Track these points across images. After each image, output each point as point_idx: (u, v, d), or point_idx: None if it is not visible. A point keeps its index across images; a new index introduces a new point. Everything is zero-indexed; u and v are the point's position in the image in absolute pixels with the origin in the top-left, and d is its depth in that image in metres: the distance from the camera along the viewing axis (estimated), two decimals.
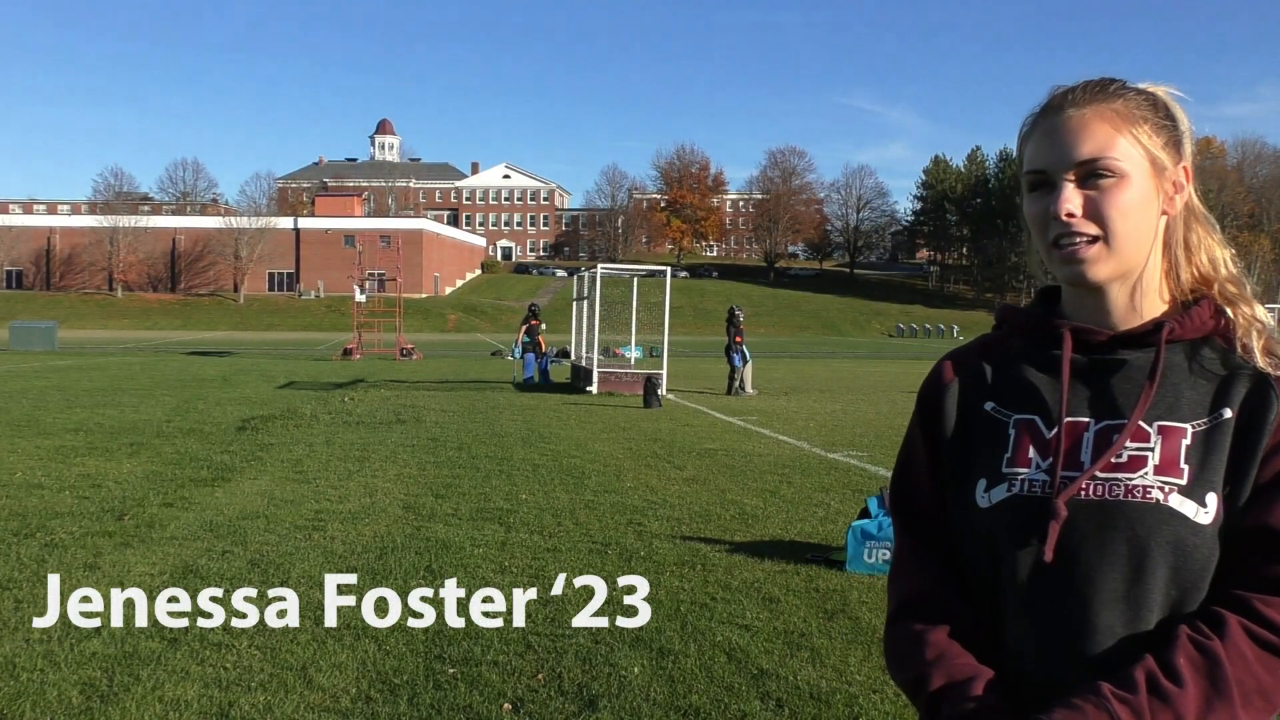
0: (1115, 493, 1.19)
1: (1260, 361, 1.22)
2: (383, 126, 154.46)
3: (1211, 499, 1.17)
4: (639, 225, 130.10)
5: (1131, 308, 1.26)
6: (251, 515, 7.32)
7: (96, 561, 5.93)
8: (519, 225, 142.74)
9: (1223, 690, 1.10)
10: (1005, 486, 1.24)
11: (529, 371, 22.80)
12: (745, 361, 20.37)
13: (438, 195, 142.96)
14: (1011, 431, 1.27)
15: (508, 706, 3.90)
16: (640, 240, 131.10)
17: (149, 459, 10.13)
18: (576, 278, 26.30)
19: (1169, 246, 1.28)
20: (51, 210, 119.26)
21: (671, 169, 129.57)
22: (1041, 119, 1.26)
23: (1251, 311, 1.26)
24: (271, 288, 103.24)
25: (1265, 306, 1.31)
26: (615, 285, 25.18)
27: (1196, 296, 1.28)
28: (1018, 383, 1.30)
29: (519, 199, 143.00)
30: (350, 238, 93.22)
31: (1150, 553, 1.16)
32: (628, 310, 23.78)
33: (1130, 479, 1.19)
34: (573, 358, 25.07)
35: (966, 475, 1.28)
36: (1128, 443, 1.20)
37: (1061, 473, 1.21)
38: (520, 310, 55.61)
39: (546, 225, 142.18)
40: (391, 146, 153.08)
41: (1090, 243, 1.21)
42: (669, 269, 22.56)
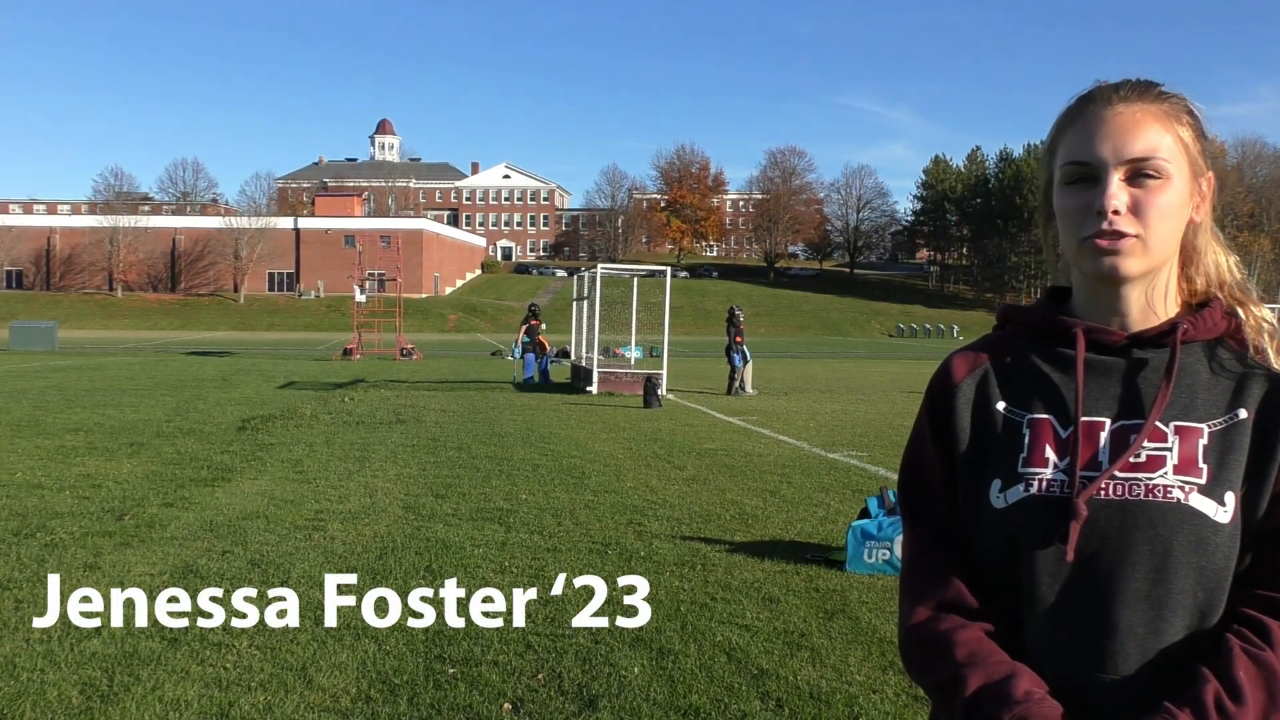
0: (1135, 492, 1.19)
1: (1275, 363, 1.23)
2: (383, 126, 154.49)
3: (1230, 498, 1.17)
4: (639, 225, 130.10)
5: (1146, 308, 1.26)
6: (251, 515, 7.32)
7: (96, 561, 5.93)
8: (519, 225, 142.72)
9: (1277, 700, 1.11)
10: (1022, 486, 1.23)
11: (529, 371, 22.80)
12: (745, 361, 20.37)
13: (438, 195, 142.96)
14: (1026, 432, 1.26)
15: (508, 706, 3.90)
16: (640, 240, 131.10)
17: (149, 459, 10.13)
18: (576, 278, 26.29)
19: (1185, 250, 1.28)
20: (51, 210, 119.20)
21: (671, 169, 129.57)
22: (1085, 110, 1.24)
23: (1261, 313, 1.27)
24: (271, 288, 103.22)
25: (1268, 307, 1.31)
26: (615, 285, 25.18)
27: (1205, 299, 1.29)
28: (1029, 383, 1.29)
29: (519, 199, 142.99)
30: (350, 238, 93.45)
31: (1173, 552, 1.16)
32: (628, 310, 23.78)
33: (1150, 479, 1.19)
34: (573, 358, 25.06)
35: (979, 475, 1.27)
36: (1145, 442, 1.20)
37: (1080, 472, 1.20)
38: (520, 310, 55.63)
39: (546, 225, 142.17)
40: (391, 146, 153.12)
41: (1129, 240, 1.20)
42: (669, 269, 22.56)
